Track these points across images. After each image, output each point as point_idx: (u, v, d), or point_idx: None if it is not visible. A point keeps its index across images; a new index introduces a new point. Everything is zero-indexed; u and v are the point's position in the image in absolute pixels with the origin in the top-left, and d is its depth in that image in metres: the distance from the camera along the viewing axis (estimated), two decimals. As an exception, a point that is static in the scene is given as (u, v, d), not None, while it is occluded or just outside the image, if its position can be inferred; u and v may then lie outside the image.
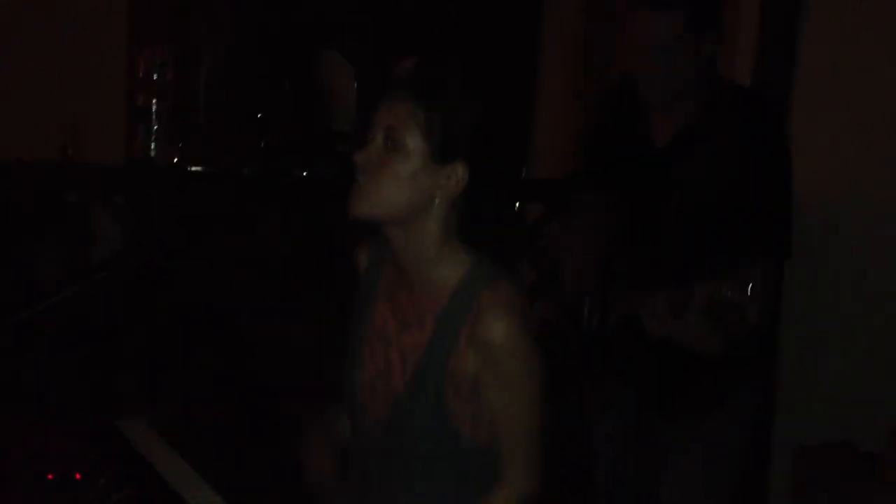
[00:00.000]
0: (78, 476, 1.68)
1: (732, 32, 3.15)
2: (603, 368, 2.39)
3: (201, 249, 3.29)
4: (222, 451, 2.55)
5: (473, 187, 1.56)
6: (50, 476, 1.68)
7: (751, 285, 1.89)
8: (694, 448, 2.32)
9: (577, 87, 3.93)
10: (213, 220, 3.34)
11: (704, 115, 2.19)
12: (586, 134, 2.53)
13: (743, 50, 3.16)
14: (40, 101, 3.38)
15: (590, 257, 2.33)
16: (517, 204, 3.65)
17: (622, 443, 2.44)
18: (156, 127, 3.31)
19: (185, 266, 3.27)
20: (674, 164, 2.20)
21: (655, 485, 2.37)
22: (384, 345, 1.64)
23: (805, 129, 2.92)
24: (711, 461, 2.32)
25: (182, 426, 2.17)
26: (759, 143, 2.17)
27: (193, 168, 3.34)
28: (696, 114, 2.20)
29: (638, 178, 2.26)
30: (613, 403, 2.45)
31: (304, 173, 3.49)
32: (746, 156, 2.14)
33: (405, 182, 1.53)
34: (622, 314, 2.23)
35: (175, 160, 3.34)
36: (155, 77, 3.29)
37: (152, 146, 3.31)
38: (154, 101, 3.31)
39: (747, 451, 2.41)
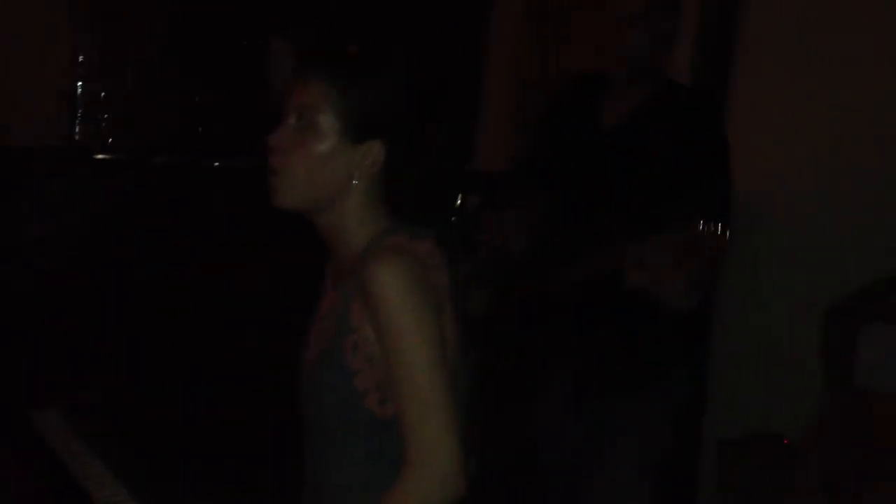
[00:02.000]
0: None
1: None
2: (548, 347, 2.43)
3: (117, 237, 3.25)
4: (138, 447, 2.52)
5: (395, 166, 1.54)
6: None
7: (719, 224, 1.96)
8: (627, 429, 2.36)
9: (523, 80, 3.96)
10: (128, 207, 3.30)
11: (652, 101, 2.31)
12: (542, 115, 2.60)
13: (682, 46, 3.21)
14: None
15: (539, 236, 2.40)
16: (460, 196, 3.67)
17: (561, 424, 2.47)
18: (80, 111, 3.28)
19: (101, 253, 3.23)
20: (622, 143, 2.32)
21: (593, 464, 2.40)
22: (319, 324, 1.60)
23: (740, 125, 2.97)
24: (644, 444, 2.36)
25: (97, 420, 2.13)
26: (700, 127, 2.30)
27: (102, 155, 3.30)
28: (645, 99, 2.32)
29: (587, 152, 2.36)
30: (554, 384, 2.47)
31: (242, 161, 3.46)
32: (690, 137, 2.25)
33: (319, 162, 1.50)
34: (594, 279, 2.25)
35: (100, 145, 3.30)
36: (81, 60, 3.25)
37: (78, 131, 3.27)
38: (80, 84, 3.27)
39: (678, 438, 2.46)
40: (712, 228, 1.96)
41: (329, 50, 1.58)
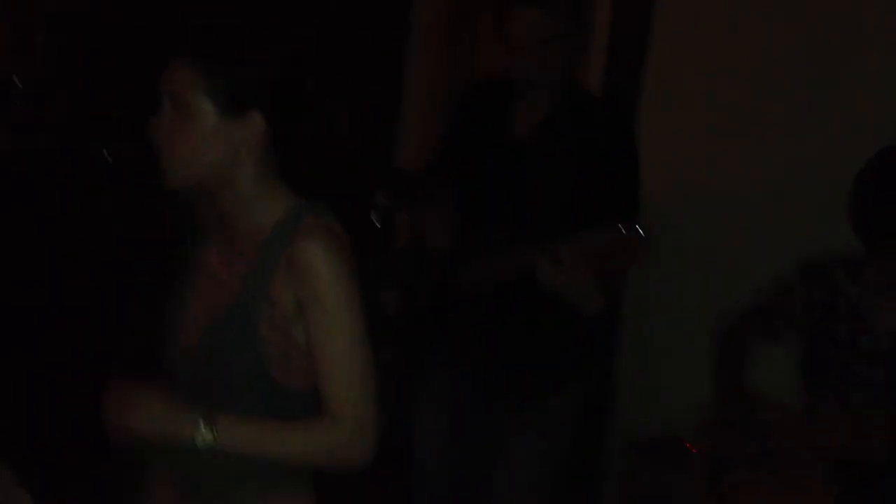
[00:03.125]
0: None
1: (586, 39, 3.28)
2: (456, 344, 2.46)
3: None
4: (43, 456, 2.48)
5: (282, 136, 1.56)
6: None
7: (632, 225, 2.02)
8: (527, 435, 2.40)
9: (445, 77, 3.98)
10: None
11: (563, 110, 2.34)
12: (451, 118, 2.61)
13: (595, 57, 3.27)
14: None
15: (454, 236, 2.43)
16: (378, 191, 3.68)
17: (455, 427, 2.52)
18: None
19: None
20: (534, 151, 2.34)
21: (496, 462, 2.44)
22: (209, 284, 1.62)
23: (650, 134, 3.04)
24: (543, 449, 2.41)
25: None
26: (610, 133, 2.34)
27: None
28: (554, 109, 2.34)
29: (500, 160, 2.38)
30: (460, 381, 2.51)
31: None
32: (600, 143, 2.30)
33: (201, 141, 1.52)
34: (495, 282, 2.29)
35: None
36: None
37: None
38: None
39: (580, 441, 2.51)
40: (632, 233, 2.00)
41: (189, 30, 1.57)
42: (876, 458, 1.99)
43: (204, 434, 1.47)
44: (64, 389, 2.91)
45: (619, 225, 2.01)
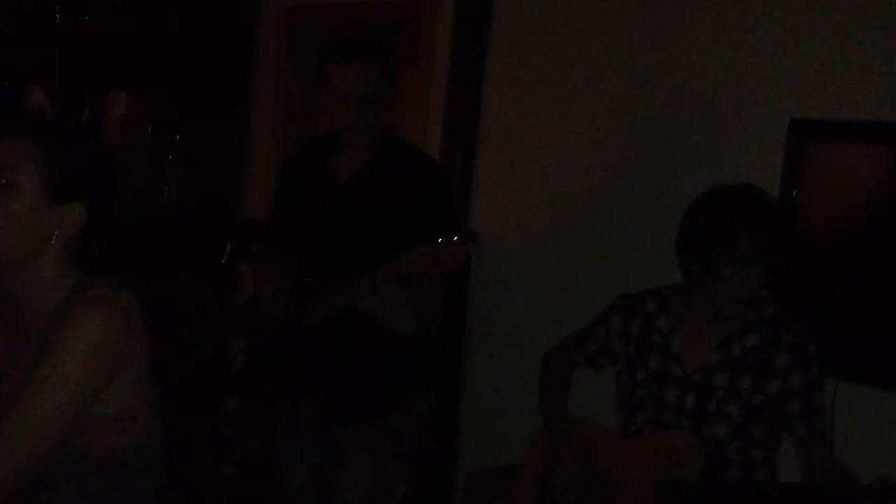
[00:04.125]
0: None
1: (427, 94, 3.45)
2: (288, 388, 2.57)
3: None
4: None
5: (94, 224, 1.56)
6: None
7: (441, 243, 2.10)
8: (360, 454, 2.50)
9: (289, 125, 4.07)
10: None
11: (380, 157, 2.52)
12: (281, 173, 2.75)
13: (435, 109, 3.47)
14: None
15: (279, 279, 2.53)
16: (227, 245, 3.73)
17: (303, 458, 2.63)
18: None
19: None
20: (355, 195, 2.50)
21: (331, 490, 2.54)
22: (2, 378, 1.59)
23: (487, 180, 3.33)
24: (377, 468, 2.51)
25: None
26: (424, 178, 2.52)
27: None
28: (373, 157, 2.52)
29: (326, 206, 2.54)
30: (295, 421, 2.63)
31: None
32: (414, 186, 2.47)
33: (20, 220, 1.50)
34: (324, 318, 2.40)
35: None
36: None
37: None
38: None
39: (418, 462, 2.63)
40: (444, 245, 2.10)
41: (34, 111, 1.58)
42: (689, 477, 2.09)
43: None
44: None
45: (436, 239, 2.12)
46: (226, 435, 3.37)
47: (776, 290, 2.17)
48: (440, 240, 2.10)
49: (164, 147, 3.90)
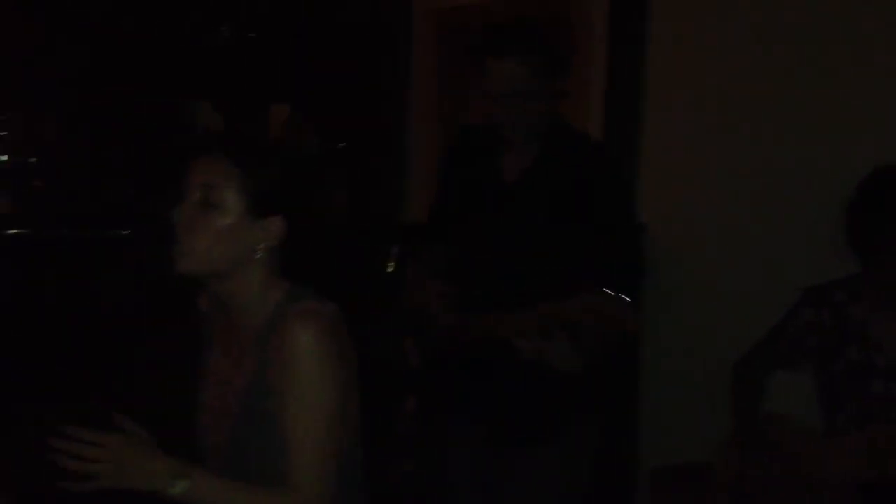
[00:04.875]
0: None
1: (586, 84, 3.38)
2: (457, 402, 2.49)
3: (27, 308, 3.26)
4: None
5: (295, 236, 1.62)
6: None
7: (611, 298, 2.04)
8: (539, 477, 2.39)
9: (440, 137, 4.08)
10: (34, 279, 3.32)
11: (549, 153, 2.35)
12: (440, 172, 2.63)
13: (595, 99, 3.39)
14: None
15: (444, 291, 2.44)
16: (393, 249, 3.76)
17: (473, 475, 2.52)
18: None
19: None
20: (523, 196, 2.35)
21: None
22: (220, 388, 1.68)
23: (654, 167, 3.21)
24: (555, 490, 2.40)
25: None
26: (599, 177, 2.35)
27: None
28: (541, 154, 2.36)
29: (492, 206, 2.40)
30: (466, 436, 2.52)
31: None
32: (589, 187, 2.31)
33: (223, 237, 1.57)
34: (487, 340, 2.32)
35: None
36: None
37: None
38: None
39: (597, 477, 2.51)
40: (617, 300, 2.03)
41: (232, 129, 1.64)
42: None
43: (177, 484, 1.51)
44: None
45: (605, 291, 2.04)
46: (403, 434, 3.40)
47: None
48: (609, 294, 2.02)
49: (328, 156, 3.97)
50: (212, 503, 1.54)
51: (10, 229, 3.39)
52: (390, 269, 3.60)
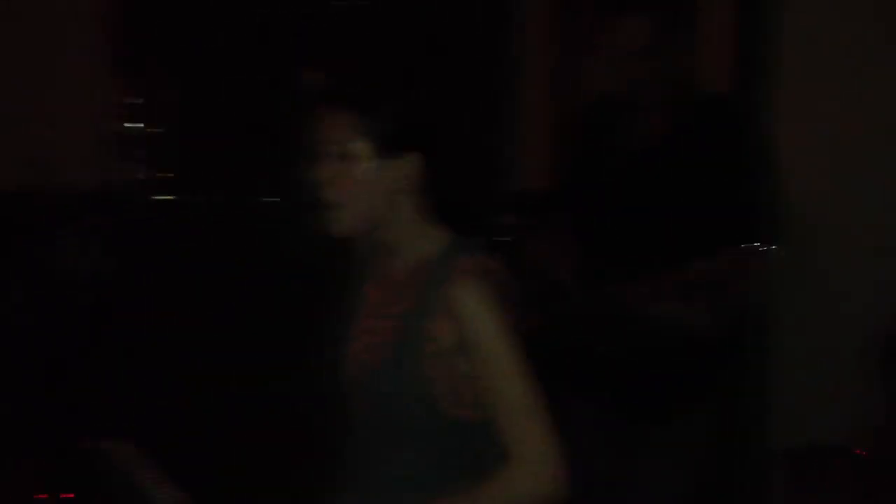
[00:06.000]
0: (67, 495, 1.70)
1: (712, 41, 3.23)
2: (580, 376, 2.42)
3: (174, 275, 3.32)
4: (207, 472, 2.56)
5: (436, 171, 1.62)
6: (41, 496, 1.71)
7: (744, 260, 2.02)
8: (664, 451, 2.35)
9: (556, 97, 3.99)
10: (180, 244, 3.37)
11: (682, 117, 2.29)
12: (571, 141, 2.59)
13: (723, 57, 3.21)
14: (13, 127, 3.37)
15: (574, 259, 2.39)
16: (501, 215, 3.69)
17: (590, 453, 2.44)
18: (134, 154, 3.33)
19: (161, 291, 3.30)
20: (654, 162, 2.30)
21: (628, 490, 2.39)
22: (372, 319, 1.68)
23: (789, 129, 3.01)
24: (679, 464, 2.35)
25: (168, 448, 2.17)
26: (734, 142, 2.28)
27: (165, 196, 3.37)
28: (675, 116, 2.29)
29: (621, 179, 2.34)
30: (590, 410, 2.45)
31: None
32: (723, 153, 2.25)
33: (364, 184, 1.59)
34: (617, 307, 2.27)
35: (150, 187, 3.36)
36: (128, 101, 3.31)
37: (124, 171, 3.32)
38: (126, 125, 3.32)
39: (719, 454, 2.49)
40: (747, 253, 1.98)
41: (347, 80, 1.65)
42: None
43: None
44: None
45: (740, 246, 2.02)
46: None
47: None
48: (742, 246, 1.96)
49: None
50: None
51: (153, 196, 3.41)
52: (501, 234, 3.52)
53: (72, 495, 1.72)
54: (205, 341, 3.26)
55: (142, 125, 3.60)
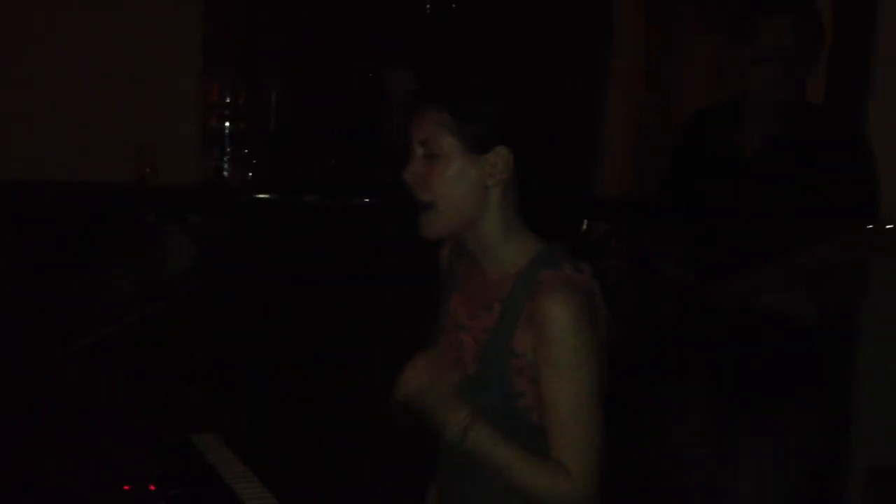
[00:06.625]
0: (152, 487, 1.74)
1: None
2: (682, 368, 2.43)
3: (266, 271, 3.36)
4: (291, 463, 2.60)
5: (525, 169, 1.61)
6: (126, 487, 1.74)
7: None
8: (766, 447, 2.32)
9: (642, 107, 3.94)
10: (278, 242, 3.41)
11: (791, 128, 2.26)
12: (678, 147, 2.57)
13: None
14: (116, 125, 3.46)
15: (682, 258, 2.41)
16: (584, 222, 3.66)
17: (701, 442, 2.45)
18: (228, 150, 3.39)
19: (251, 286, 3.34)
20: (759, 172, 2.28)
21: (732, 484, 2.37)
22: (458, 332, 1.68)
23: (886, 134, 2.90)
24: (783, 461, 2.32)
25: (252, 439, 2.21)
26: (843, 154, 2.25)
27: (260, 194, 3.41)
28: (782, 129, 2.27)
29: (726, 184, 2.33)
30: (693, 402, 2.46)
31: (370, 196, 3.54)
32: (831, 166, 2.22)
33: (454, 182, 1.59)
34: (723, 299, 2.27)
35: (245, 183, 3.41)
36: (227, 101, 3.37)
37: (224, 169, 3.38)
38: (226, 124, 3.39)
39: (820, 458, 2.42)
40: (874, 232, 1.94)
41: (431, 77, 1.66)
42: None
43: (457, 432, 1.54)
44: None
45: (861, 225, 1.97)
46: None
47: None
48: (870, 227, 1.92)
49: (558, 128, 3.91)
50: (485, 459, 1.56)
51: (245, 196, 3.50)
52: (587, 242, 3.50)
53: (153, 487, 1.74)
54: (300, 340, 3.30)
55: (243, 124, 3.67)
